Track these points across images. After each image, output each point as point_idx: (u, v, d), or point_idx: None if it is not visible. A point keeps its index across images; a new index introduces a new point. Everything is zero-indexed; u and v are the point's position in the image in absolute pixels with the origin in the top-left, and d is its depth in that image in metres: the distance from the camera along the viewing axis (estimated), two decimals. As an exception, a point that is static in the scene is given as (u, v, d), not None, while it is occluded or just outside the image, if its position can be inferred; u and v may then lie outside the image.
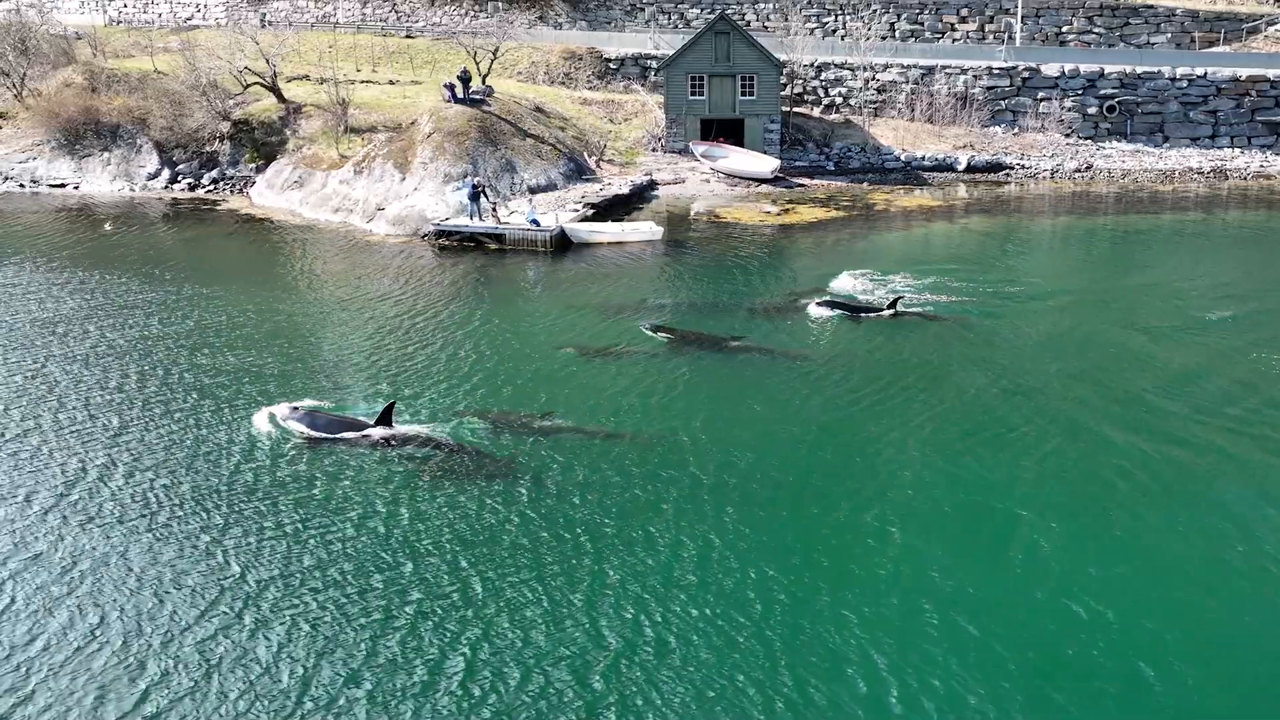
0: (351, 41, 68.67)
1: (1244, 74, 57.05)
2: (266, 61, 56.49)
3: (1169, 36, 65.19)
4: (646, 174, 54.45)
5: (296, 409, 25.14)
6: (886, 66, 61.81)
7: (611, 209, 48.46)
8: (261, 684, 16.12)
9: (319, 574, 18.99)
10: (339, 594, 18.36)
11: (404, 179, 48.47)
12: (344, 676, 16.23)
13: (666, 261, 40.83)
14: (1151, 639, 16.72)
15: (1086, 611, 17.35)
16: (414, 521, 20.68)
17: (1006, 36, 65.44)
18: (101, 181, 55.28)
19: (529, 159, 51.22)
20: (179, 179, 55.55)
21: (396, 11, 78.61)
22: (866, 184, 54.36)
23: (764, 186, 53.67)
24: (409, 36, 72.18)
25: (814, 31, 68.95)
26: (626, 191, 51.05)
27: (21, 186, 55.02)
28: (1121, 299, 34.87)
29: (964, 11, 68.17)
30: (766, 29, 69.36)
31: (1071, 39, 65.90)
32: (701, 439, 24.01)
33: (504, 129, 52.15)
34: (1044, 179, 55.19)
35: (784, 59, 58.82)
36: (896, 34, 68.59)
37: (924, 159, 57.21)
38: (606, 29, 72.46)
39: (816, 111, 62.54)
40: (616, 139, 58.60)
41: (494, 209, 44.13)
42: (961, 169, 56.42)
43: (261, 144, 56.11)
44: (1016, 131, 59.19)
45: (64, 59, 62.65)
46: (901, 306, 32.66)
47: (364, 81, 60.74)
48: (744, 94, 57.12)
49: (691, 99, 57.56)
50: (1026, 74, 59.65)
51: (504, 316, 33.61)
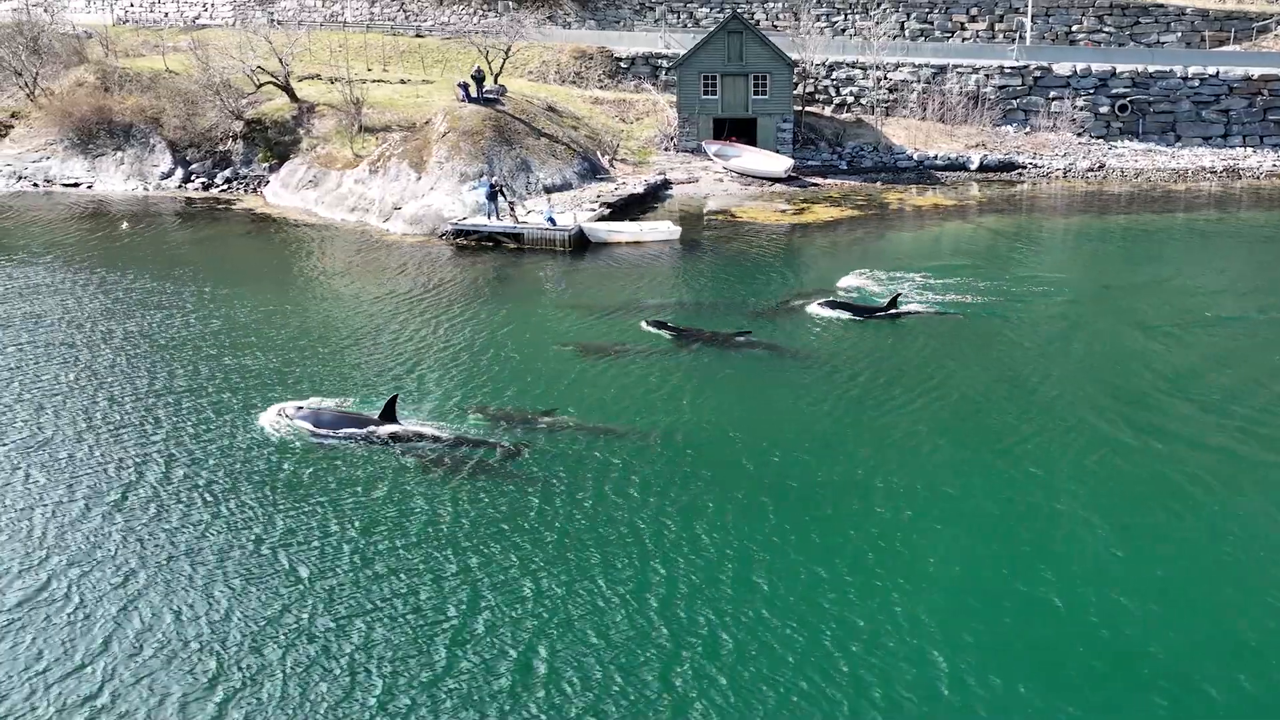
0: (362, 40, 68.64)
1: (1256, 73, 57.13)
2: (280, 61, 56.52)
3: (1179, 35, 65.26)
4: (660, 173, 54.50)
5: (301, 407, 25.25)
6: (898, 66, 61.86)
7: (627, 208, 48.52)
8: (278, 681, 16.21)
9: (322, 572, 19.10)
10: (339, 591, 18.47)
11: (420, 178, 48.51)
12: (356, 670, 16.33)
13: (685, 261, 40.90)
14: (1210, 640, 16.78)
15: (1142, 611, 17.41)
16: (413, 517, 20.89)
17: (1018, 36, 65.46)
18: (115, 181, 55.29)
19: (544, 158, 51.26)
20: (192, 178, 55.58)
21: (404, 10, 78.61)
22: (880, 183, 54.43)
23: (777, 186, 53.71)
24: (419, 35, 72.16)
25: (823, 31, 68.95)
26: (641, 191, 51.10)
27: (35, 186, 55.04)
28: (1142, 298, 34.96)
29: (974, 11, 68.22)
30: (776, 28, 69.36)
31: (1081, 38, 65.95)
32: (734, 436, 24.11)
33: (518, 128, 52.19)
34: (1057, 178, 55.26)
35: (796, 58, 58.86)
36: (906, 33, 68.64)
37: (936, 158, 57.28)
38: (615, 28, 72.48)
39: (828, 111, 62.58)
40: (629, 138, 58.62)
41: (511, 208, 44.18)
42: (974, 168, 56.48)
43: (275, 143, 56.13)
44: (1028, 131, 59.25)
45: (75, 58, 62.64)
46: (901, 305, 32.69)
47: (375, 81, 60.71)
48: (757, 93, 57.16)
49: (704, 98, 57.60)
50: (1038, 73, 59.71)
51: (524, 315, 33.72)
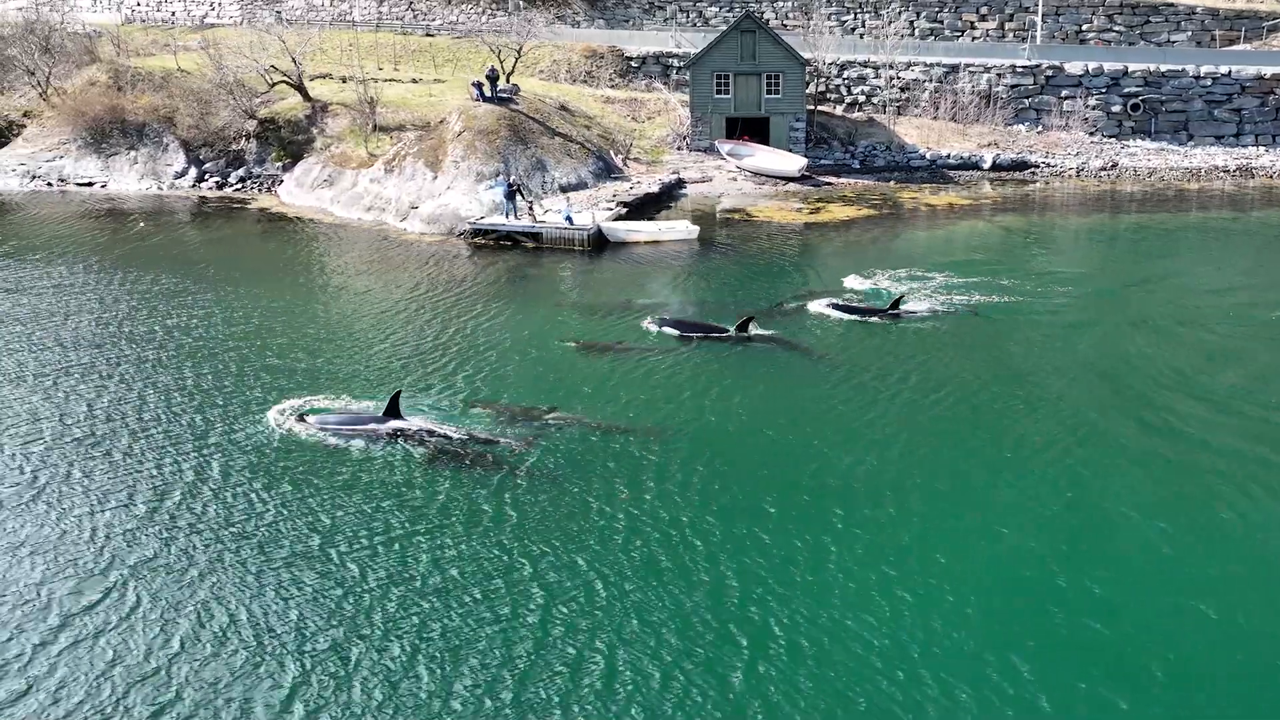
0: (372, 40, 68.69)
1: (1268, 72, 57.22)
2: (293, 60, 56.53)
3: (1189, 35, 65.29)
4: (674, 172, 54.55)
5: (311, 410, 25.45)
6: (909, 65, 61.93)
7: (643, 207, 48.59)
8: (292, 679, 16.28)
9: (330, 571, 19.25)
10: (346, 589, 18.62)
11: (436, 178, 48.55)
12: (375, 667, 16.42)
13: (704, 261, 40.95)
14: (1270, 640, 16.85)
15: (1216, 613, 17.48)
16: (413, 514, 21.05)
17: (1029, 35, 65.48)
18: (129, 180, 55.31)
19: (559, 157, 51.30)
20: (206, 177, 55.60)
21: (413, 10, 78.60)
22: (893, 182, 54.49)
23: (791, 185, 53.77)
24: (429, 35, 72.17)
25: (833, 30, 69.00)
26: (656, 190, 51.16)
27: (49, 185, 55.05)
28: (1166, 297, 35.02)
29: (984, 10, 68.25)
30: (786, 27, 69.39)
31: (1091, 37, 66.01)
32: (770, 435, 24.21)
33: (533, 127, 52.22)
34: (1070, 177, 55.34)
35: (808, 57, 58.91)
36: (916, 32, 68.65)
37: (949, 157, 57.35)
38: (624, 27, 72.50)
39: (839, 110, 62.66)
40: (641, 137, 58.65)
41: (530, 208, 44.22)
42: (987, 167, 56.56)
43: (288, 142, 56.15)
44: (1040, 130, 59.35)
45: (87, 57, 62.65)
46: (903, 306, 32.81)
47: (387, 80, 60.71)
48: (769, 92, 57.22)
49: (717, 97, 57.65)
50: (1050, 72, 59.79)
51: (546, 314, 33.82)
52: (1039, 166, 56.47)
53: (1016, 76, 60.35)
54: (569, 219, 43.12)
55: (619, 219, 45.53)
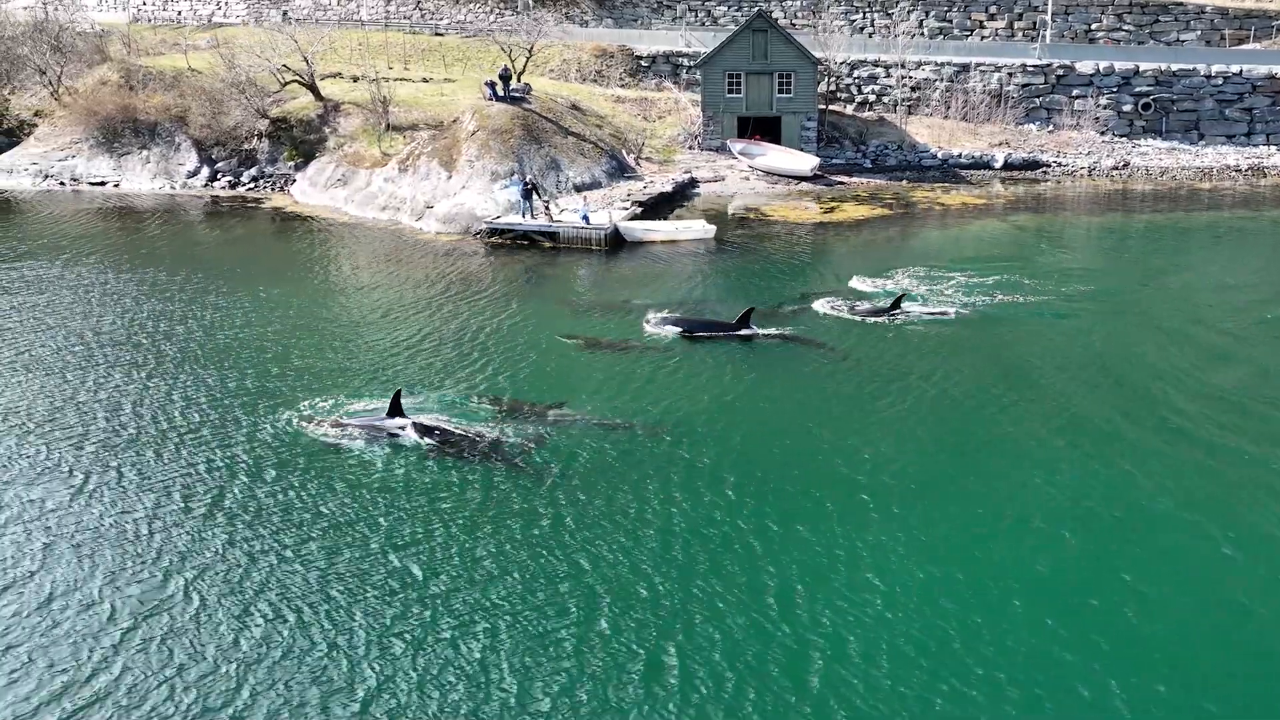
0: (383, 39, 68.68)
1: (1279, 71, 57.28)
2: (305, 60, 56.53)
3: (1199, 34, 65.41)
4: (686, 172, 54.57)
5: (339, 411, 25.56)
6: (920, 64, 61.98)
7: (657, 207, 48.62)
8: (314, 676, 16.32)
9: (347, 574, 19.27)
10: (359, 591, 18.70)
11: (450, 177, 48.55)
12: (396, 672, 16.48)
13: (722, 260, 40.96)
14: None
15: (1273, 614, 17.53)
16: (434, 511, 21.14)
17: (1039, 34, 65.53)
18: (141, 179, 55.29)
19: (573, 157, 51.32)
20: (218, 177, 55.60)
21: (421, 9, 78.65)
22: (906, 181, 54.54)
23: (804, 184, 53.82)
24: (438, 34, 72.17)
25: (842, 29, 69.06)
26: (670, 189, 51.18)
27: (62, 185, 55.04)
28: (1191, 296, 35.00)
29: (993, 9, 68.36)
30: (795, 26, 69.42)
31: (1101, 36, 66.11)
32: (786, 431, 24.26)
33: (546, 127, 52.23)
34: (1081, 176, 55.40)
35: (819, 56, 58.94)
36: (925, 31, 68.71)
37: (961, 156, 57.40)
38: (633, 26, 72.54)
39: (850, 109, 62.71)
40: (652, 137, 58.66)
41: (546, 207, 44.23)
42: (999, 166, 56.61)
43: (300, 142, 56.15)
44: (1051, 129, 59.40)
45: (97, 56, 62.62)
46: (905, 305, 32.88)
47: (397, 79, 60.71)
48: (781, 91, 57.25)
49: (729, 96, 57.69)
50: (1061, 71, 59.85)
51: (566, 315, 33.74)
52: (1050, 166, 56.53)
53: (1027, 76, 60.40)
54: (585, 218, 43.14)
55: (634, 218, 45.55)
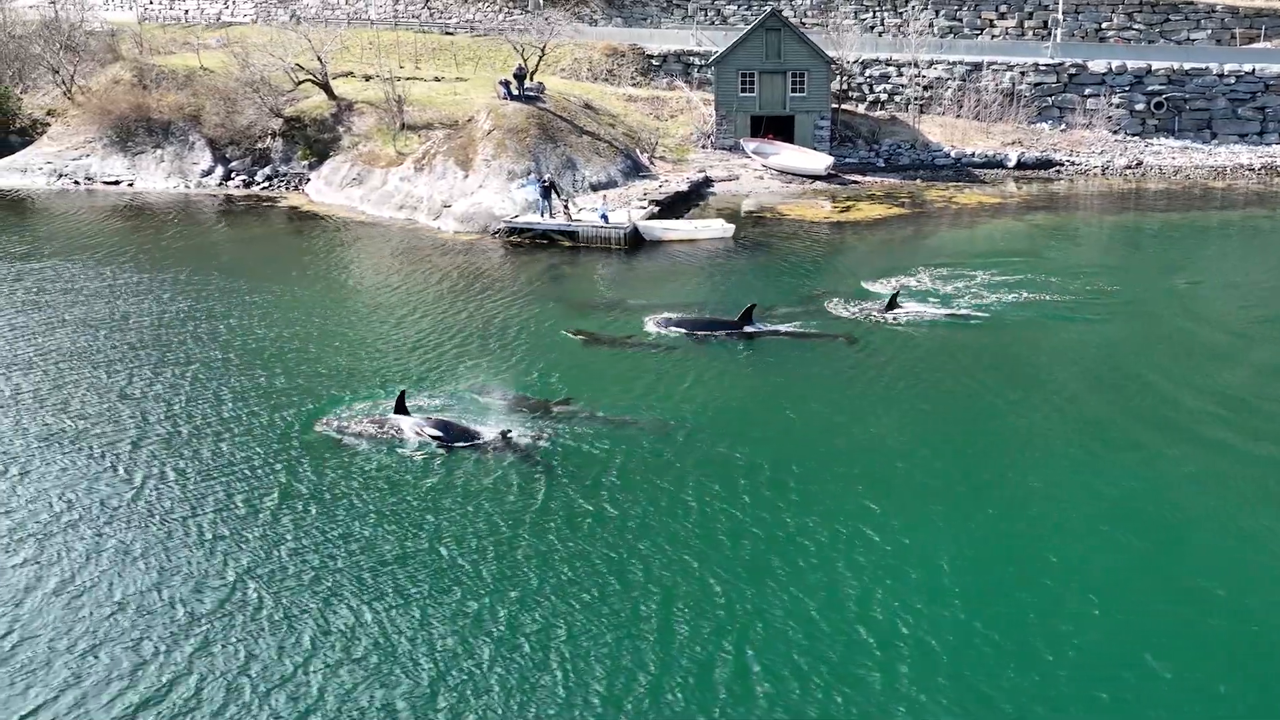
0: (394, 38, 68.68)
1: (1291, 70, 57.40)
2: (319, 59, 56.55)
3: (1209, 33, 65.51)
4: (700, 171, 54.60)
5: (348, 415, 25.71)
6: (932, 63, 62.02)
7: (673, 206, 48.65)
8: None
9: (366, 570, 19.41)
10: (375, 591, 18.80)
11: (467, 176, 48.58)
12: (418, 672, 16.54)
13: (741, 259, 40.99)
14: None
15: None
16: (424, 514, 21.30)
17: (1052, 33, 65.54)
18: (155, 179, 55.29)
19: (588, 156, 51.35)
20: (232, 176, 55.59)
21: (429, 8, 78.67)
22: (919, 180, 54.59)
23: (818, 183, 53.86)
24: (448, 33, 72.19)
25: (852, 28, 69.12)
26: (685, 188, 51.21)
27: (76, 184, 55.01)
28: (1217, 296, 35.04)
29: (1003, 8, 68.45)
30: (805, 25, 69.44)
31: (1111, 35, 66.22)
32: (809, 429, 24.36)
33: (561, 126, 52.27)
34: (1095, 176, 55.45)
35: (833, 55, 58.98)
36: (935, 30, 68.79)
37: (974, 156, 57.44)
38: (642, 25, 72.59)
39: (861, 108, 62.75)
40: (665, 136, 58.69)
41: (565, 206, 44.26)
42: (1012, 165, 56.65)
43: (314, 141, 56.14)
44: (1064, 128, 59.44)
45: (109, 55, 62.60)
46: (902, 303, 32.99)
47: (409, 78, 60.73)
48: (794, 91, 57.28)
49: (742, 95, 57.71)
50: (1073, 70, 59.91)
51: (597, 314, 33.79)
52: (1064, 165, 56.58)
53: (1039, 75, 60.45)
54: (605, 217, 43.17)
55: (651, 217, 45.59)
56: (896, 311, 32.57)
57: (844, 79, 62.58)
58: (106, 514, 21.51)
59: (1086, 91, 59.76)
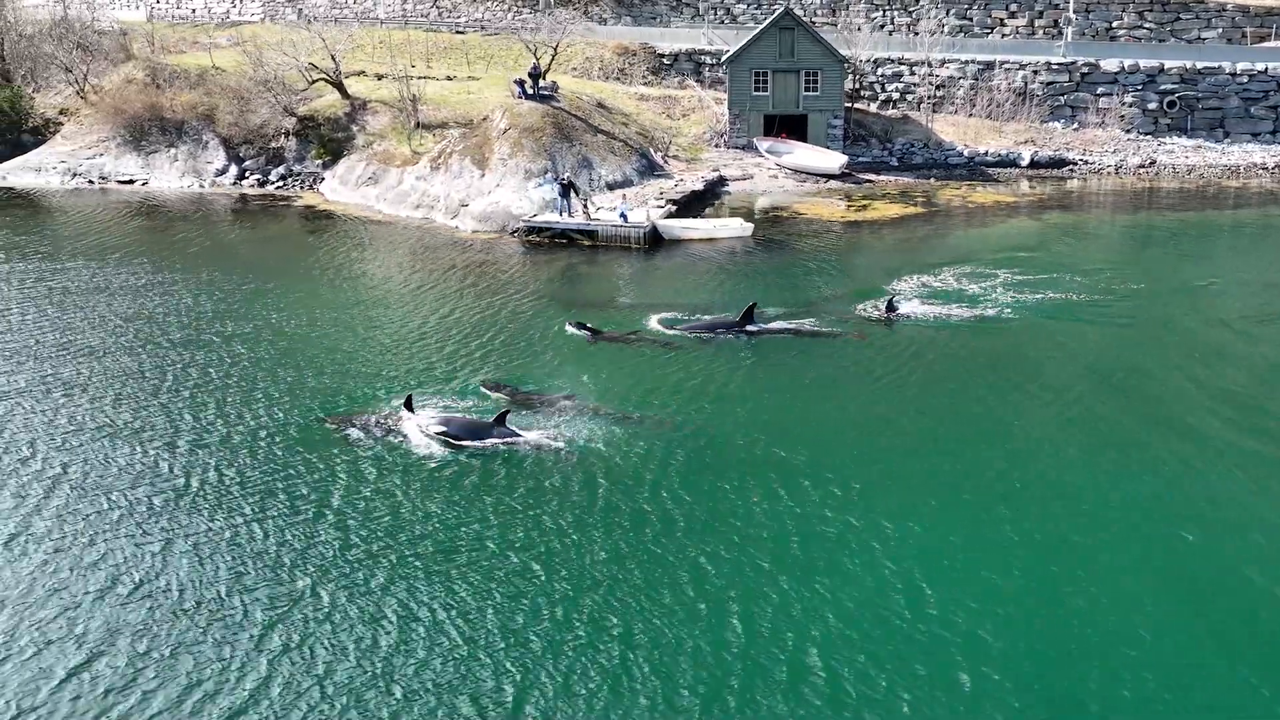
0: (404, 37, 68.65)
1: (1304, 69, 57.53)
2: (332, 58, 56.54)
3: (1220, 31, 65.54)
4: (715, 170, 54.65)
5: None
6: (944, 62, 62.10)
7: (689, 205, 48.70)
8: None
9: (383, 569, 19.41)
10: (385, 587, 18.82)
11: (484, 175, 48.59)
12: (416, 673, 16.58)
13: (761, 258, 40.95)
14: None
15: None
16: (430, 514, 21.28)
17: (1064, 32, 65.58)
18: (170, 178, 55.27)
19: (604, 155, 51.37)
20: (246, 175, 55.59)
21: (438, 7, 78.60)
22: (933, 179, 54.69)
23: (832, 182, 53.94)
24: (459, 32, 72.17)
25: (860, 27, 69.15)
26: (701, 187, 51.27)
27: (90, 183, 54.99)
28: (1242, 296, 35.08)
29: (1013, 7, 68.46)
30: (814, 23, 69.42)
31: (1122, 34, 66.24)
32: (833, 428, 24.42)
33: (576, 125, 52.28)
34: (1108, 175, 55.57)
35: (846, 54, 59.04)
36: (945, 29, 68.81)
37: (987, 155, 57.55)
38: (651, 24, 72.57)
39: (873, 107, 62.81)
40: (678, 135, 58.75)
41: (585, 205, 44.27)
42: (1025, 164, 56.78)
43: (328, 140, 56.16)
44: (1076, 127, 59.57)
45: (121, 55, 62.56)
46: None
47: (421, 77, 60.72)
48: (808, 89, 57.37)
49: (755, 94, 57.78)
50: (1086, 69, 60.03)
51: (625, 314, 33.80)
52: (1077, 164, 56.69)
53: (1051, 74, 60.56)
54: (624, 216, 43.19)
55: (669, 216, 45.61)
56: (920, 311, 32.59)
57: (856, 78, 62.65)
58: (137, 505, 21.54)
59: (1099, 90, 59.87)
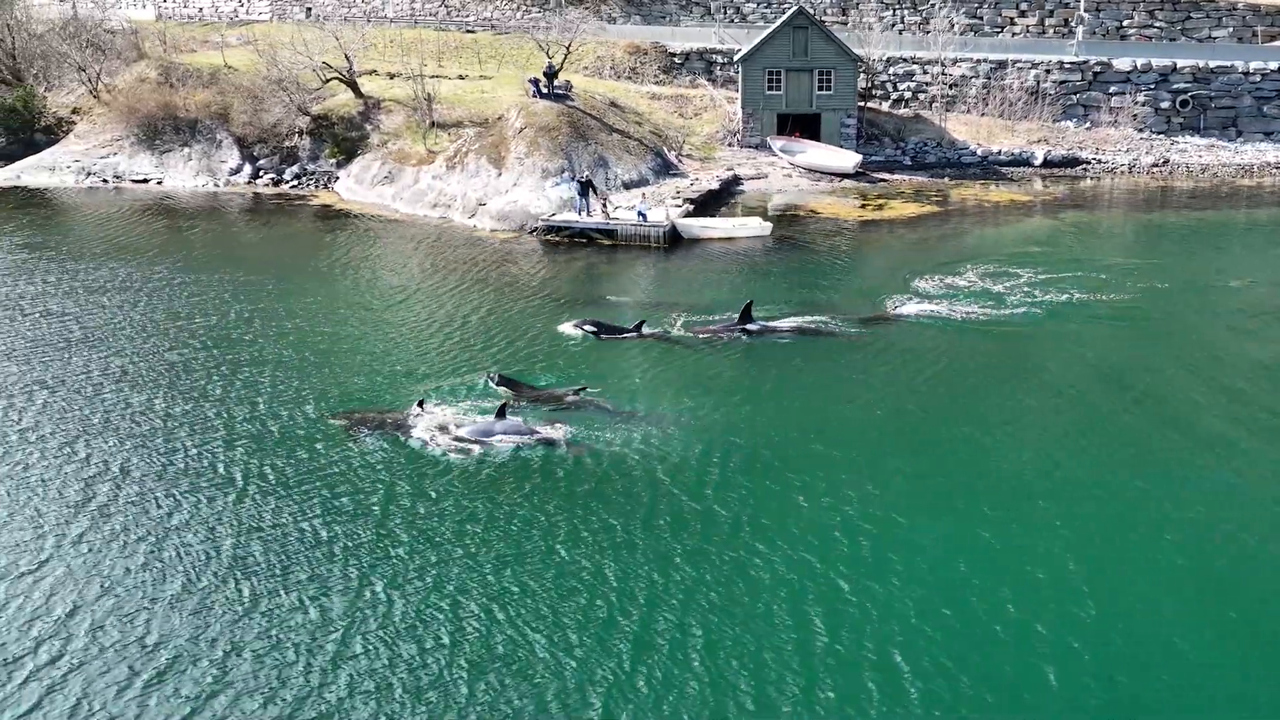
0: (415, 36, 68.57)
1: (1316, 69, 57.59)
2: (346, 57, 56.53)
3: (1230, 30, 65.61)
4: (729, 169, 54.64)
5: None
6: (956, 61, 62.13)
7: (706, 204, 48.71)
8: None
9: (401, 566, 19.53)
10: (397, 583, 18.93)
11: (500, 174, 48.60)
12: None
13: (780, 257, 40.99)
14: None
15: None
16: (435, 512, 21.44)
17: (1077, 31, 65.63)
18: (184, 177, 55.23)
19: (619, 154, 51.40)
20: (260, 174, 55.56)
21: (445, 6, 78.57)
22: (947, 178, 54.68)
23: (846, 182, 53.94)
24: (469, 31, 72.17)
25: (871, 26, 69.18)
26: (717, 186, 51.26)
27: (105, 182, 54.92)
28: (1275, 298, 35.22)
29: (1023, 6, 68.52)
30: (824, 23, 69.44)
31: (1133, 33, 66.31)
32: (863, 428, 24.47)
33: (591, 124, 52.31)
34: (1122, 174, 55.59)
35: (859, 53, 59.07)
36: (955, 28, 68.86)
37: (1000, 154, 57.55)
38: (661, 23, 72.57)
39: (885, 106, 62.83)
40: (691, 134, 58.73)
41: (604, 204, 44.28)
42: (1038, 164, 56.79)
43: (342, 139, 56.10)
44: (1089, 126, 59.59)
45: (133, 54, 62.52)
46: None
47: (433, 76, 60.68)
48: (821, 89, 57.38)
49: (768, 93, 57.77)
50: (1098, 68, 60.06)
51: (646, 314, 33.82)
52: (1090, 163, 56.72)
53: (1064, 73, 60.58)
54: (643, 215, 43.20)
55: (687, 216, 45.62)
56: (945, 311, 32.62)
57: (868, 77, 62.67)
58: (215, 518, 21.62)
59: (1111, 89, 59.89)
